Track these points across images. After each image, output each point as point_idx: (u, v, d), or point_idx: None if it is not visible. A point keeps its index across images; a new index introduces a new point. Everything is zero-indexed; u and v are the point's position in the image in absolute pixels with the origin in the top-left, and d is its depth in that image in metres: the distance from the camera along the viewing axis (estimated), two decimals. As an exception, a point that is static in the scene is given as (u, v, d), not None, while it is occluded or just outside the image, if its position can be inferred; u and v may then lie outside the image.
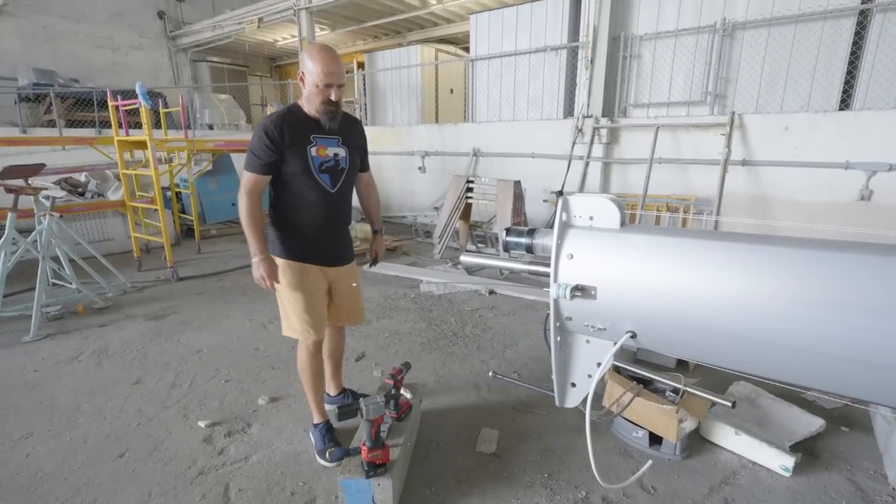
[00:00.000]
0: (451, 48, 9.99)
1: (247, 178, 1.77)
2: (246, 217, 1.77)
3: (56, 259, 3.72)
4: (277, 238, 1.88)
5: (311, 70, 1.70)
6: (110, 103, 4.70)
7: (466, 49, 7.98)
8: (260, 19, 8.90)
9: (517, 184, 4.67)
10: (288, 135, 1.74)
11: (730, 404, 1.89)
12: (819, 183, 4.36)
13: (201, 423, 2.25)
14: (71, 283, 3.77)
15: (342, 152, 1.88)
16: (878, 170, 4.06)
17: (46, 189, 4.02)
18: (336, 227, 1.96)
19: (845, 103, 4.42)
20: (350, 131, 1.93)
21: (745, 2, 4.67)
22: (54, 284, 4.05)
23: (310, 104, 1.77)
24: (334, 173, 1.86)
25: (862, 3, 4.15)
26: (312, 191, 1.83)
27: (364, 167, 2.11)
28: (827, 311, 0.96)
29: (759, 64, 4.73)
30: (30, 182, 3.77)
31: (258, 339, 3.22)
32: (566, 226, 1.30)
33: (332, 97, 1.74)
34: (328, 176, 1.85)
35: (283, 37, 10.88)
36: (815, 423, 2.08)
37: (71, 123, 8.22)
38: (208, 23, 10.07)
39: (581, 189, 5.39)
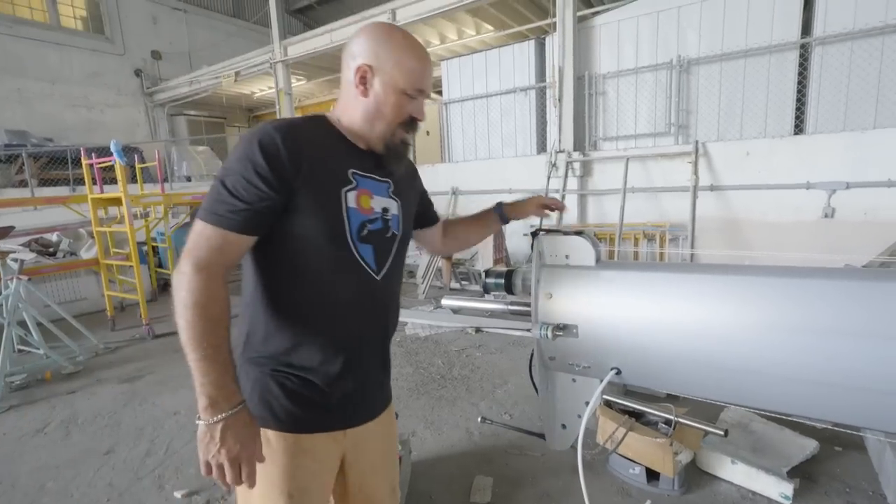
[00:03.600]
0: (425, 92, 10.34)
1: (201, 236, 0.83)
2: (193, 317, 0.80)
3: (23, 324, 3.57)
4: (251, 380, 0.94)
5: (390, 61, 0.92)
6: (84, 162, 4.67)
7: (440, 93, 8.26)
8: (237, 73, 9.12)
9: (496, 220, 4.74)
10: (307, 160, 0.88)
11: (722, 433, 1.87)
12: (785, 204, 4.53)
13: (177, 494, 2.11)
14: (38, 349, 3.60)
15: (393, 207, 1.03)
16: (836, 188, 4.25)
17: (14, 252, 3.90)
18: (378, 347, 1.06)
19: (799, 128, 4.67)
20: (404, 172, 1.11)
21: (696, 40, 4.99)
22: (20, 351, 3.85)
23: (369, 123, 0.96)
24: (381, 244, 1.00)
25: (802, 38, 4.47)
26: (343, 278, 0.94)
27: (431, 217, 1.31)
28: (807, 338, 0.97)
29: (715, 95, 5.00)
30: (-3, 246, 3.66)
31: (239, 396, 3.09)
32: (543, 265, 1.31)
33: (421, 116, 0.99)
34: (371, 249, 0.97)
35: (260, 88, 11.14)
36: (810, 446, 2.06)
37: (44, 182, 8.12)
38: (185, 78, 10.26)
39: (559, 222, 5.49)
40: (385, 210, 1.01)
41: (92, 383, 3.42)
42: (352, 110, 0.97)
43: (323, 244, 0.91)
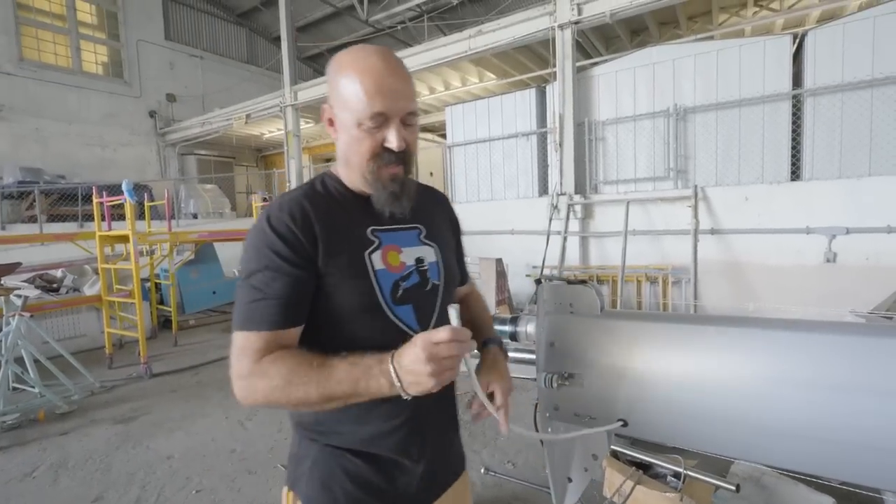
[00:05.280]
0: (430, 135, 10.67)
1: (244, 348, 0.77)
2: (294, 395, 0.75)
3: (20, 361, 3.53)
4: (310, 459, 0.88)
5: (345, 95, 0.80)
6: (95, 200, 4.77)
7: (444, 136, 8.52)
8: (248, 116, 9.46)
9: (499, 262, 4.76)
10: (322, 233, 0.82)
11: (734, 488, 1.81)
12: (786, 248, 4.56)
13: (166, 546, 2.03)
14: (33, 387, 3.54)
15: (429, 254, 0.94)
16: (836, 234, 4.29)
17: (19, 288, 3.92)
18: (438, 414, 0.94)
19: (796, 174, 4.77)
20: (431, 213, 0.99)
21: (691, 90, 5.19)
22: (14, 389, 3.79)
23: (351, 169, 0.87)
24: (421, 300, 0.90)
25: (793, 90, 4.65)
26: (385, 345, 0.78)
27: (466, 276, 1.14)
28: (819, 394, 0.95)
29: (712, 142, 5.14)
30: (2, 282, 3.68)
31: (235, 440, 3.01)
32: (547, 314, 1.31)
33: (392, 143, 0.80)
34: (410, 309, 0.88)
35: (270, 130, 11.50)
36: (825, 503, 1.98)
37: (53, 218, 8.26)
38: (197, 120, 10.63)
39: (561, 263, 5.51)
40: (419, 261, 0.91)
41: (85, 424, 3.34)
42: (341, 159, 0.89)
43: (357, 316, 0.84)
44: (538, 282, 1.32)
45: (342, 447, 0.86)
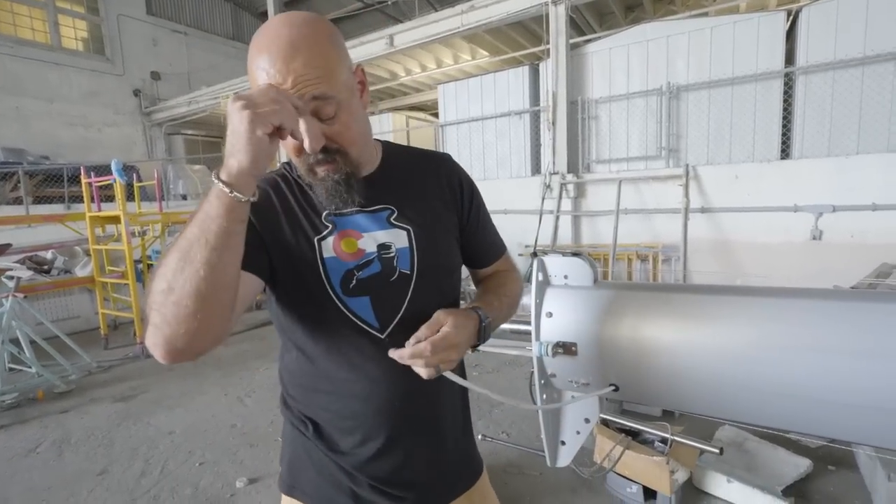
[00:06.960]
0: (422, 114, 10.54)
1: None
2: (167, 264, 0.63)
3: (16, 342, 3.53)
4: (287, 441, 0.91)
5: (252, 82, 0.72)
6: (83, 181, 4.70)
7: (436, 115, 8.43)
8: (235, 94, 9.25)
9: (492, 240, 4.80)
10: (273, 216, 0.79)
11: (717, 451, 1.90)
12: (774, 226, 4.65)
13: (173, 515, 2.09)
14: (30, 367, 3.56)
15: (399, 239, 0.83)
16: (823, 211, 4.38)
17: (11, 269, 3.89)
18: (410, 425, 0.85)
19: (786, 153, 4.83)
20: (413, 187, 0.88)
21: (684, 68, 5.18)
22: (11, 369, 3.81)
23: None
24: (383, 291, 0.80)
25: (785, 68, 4.66)
26: (335, 343, 0.80)
27: (491, 253, 1.05)
28: (800, 356, 1.01)
29: (704, 121, 5.16)
30: (-6, 263, 3.65)
31: (234, 415, 3.07)
32: (543, 285, 1.35)
33: (305, 146, 0.69)
34: (367, 301, 0.79)
35: (258, 109, 11.27)
36: (803, 465, 2.09)
37: (39, 199, 8.10)
38: (183, 99, 10.39)
39: (554, 242, 5.57)
40: (384, 247, 0.81)
41: (85, 402, 3.38)
42: None
43: (306, 306, 0.79)
44: (534, 255, 1.36)
45: (308, 436, 0.84)
